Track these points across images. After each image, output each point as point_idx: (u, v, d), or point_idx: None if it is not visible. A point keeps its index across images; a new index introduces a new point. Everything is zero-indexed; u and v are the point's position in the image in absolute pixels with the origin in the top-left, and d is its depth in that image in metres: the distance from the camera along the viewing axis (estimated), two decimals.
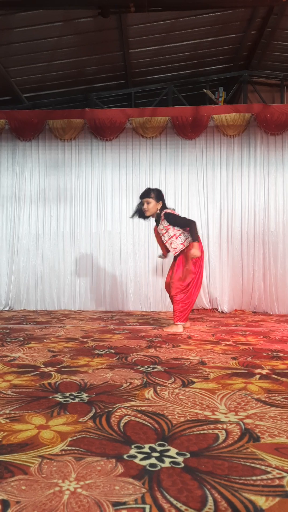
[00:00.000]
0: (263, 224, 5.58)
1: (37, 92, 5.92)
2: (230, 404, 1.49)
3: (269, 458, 1.07)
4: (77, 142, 5.74)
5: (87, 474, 0.98)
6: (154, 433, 1.23)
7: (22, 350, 2.55)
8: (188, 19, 4.77)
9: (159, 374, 1.94)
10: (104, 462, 1.04)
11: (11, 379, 1.84)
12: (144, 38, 5.02)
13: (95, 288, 5.69)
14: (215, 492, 0.90)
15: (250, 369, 2.04)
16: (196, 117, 5.54)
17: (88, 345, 2.74)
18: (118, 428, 1.26)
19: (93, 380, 1.82)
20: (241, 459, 1.06)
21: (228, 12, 4.74)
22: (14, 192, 5.78)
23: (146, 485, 0.93)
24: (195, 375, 1.93)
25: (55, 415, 1.38)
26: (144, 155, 5.74)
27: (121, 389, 1.68)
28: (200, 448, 1.12)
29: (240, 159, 5.67)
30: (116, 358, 2.31)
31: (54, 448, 1.13)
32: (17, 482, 0.94)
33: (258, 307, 5.52)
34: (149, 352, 2.52)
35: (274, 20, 4.92)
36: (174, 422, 1.31)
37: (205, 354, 2.46)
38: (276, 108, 5.51)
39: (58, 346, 2.70)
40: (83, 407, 1.46)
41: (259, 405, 1.48)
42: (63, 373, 1.95)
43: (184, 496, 0.89)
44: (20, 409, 1.43)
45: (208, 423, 1.31)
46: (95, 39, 4.89)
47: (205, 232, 5.62)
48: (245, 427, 1.27)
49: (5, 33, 4.56)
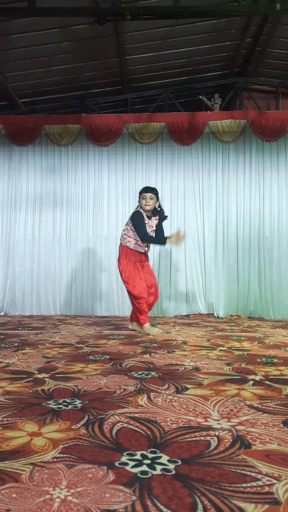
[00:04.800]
0: (258, 230, 5.61)
1: (34, 98, 5.94)
2: (223, 410, 1.50)
3: (260, 465, 1.07)
4: (74, 147, 5.76)
5: (78, 482, 0.98)
6: (146, 440, 1.23)
7: (17, 356, 2.55)
8: (184, 27, 4.82)
9: (153, 380, 1.95)
10: (96, 469, 1.05)
11: (4, 385, 1.84)
12: (140, 45, 5.06)
13: (91, 293, 5.69)
14: (205, 500, 0.91)
15: (244, 375, 2.05)
16: (192, 123, 5.58)
17: (83, 351, 2.74)
18: (110, 435, 1.26)
19: (87, 386, 1.83)
20: (232, 466, 1.07)
21: (224, 20, 4.79)
22: (10, 197, 5.78)
23: (137, 493, 0.93)
24: (189, 381, 1.93)
25: (48, 422, 1.38)
26: (140, 161, 5.77)
27: (115, 396, 1.68)
28: (191, 455, 1.13)
29: (236, 165, 5.71)
30: (110, 364, 2.31)
31: (45, 455, 1.13)
32: (8, 490, 0.94)
33: (254, 312, 5.53)
34: (143, 358, 2.52)
35: (269, 28, 4.98)
36: (167, 429, 1.31)
37: (200, 360, 2.46)
38: (271, 114, 5.55)
39: (52, 352, 2.69)
40: (76, 414, 1.46)
41: (251, 411, 1.49)
42: (57, 380, 1.95)
43: (174, 504, 0.89)
44: (13, 416, 1.43)
45: (200, 430, 1.31)
46: (92, 45, 4.93)
47: (201, 237, 5.64)
48: (237, 434, 1.28)
49: (2, 39, 4.59)
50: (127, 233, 3.76)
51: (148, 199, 3.70)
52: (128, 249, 3.75)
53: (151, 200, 3.71)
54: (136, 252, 3.76)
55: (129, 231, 3.75)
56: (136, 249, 3.75)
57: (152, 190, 3.75)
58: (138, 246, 3.74)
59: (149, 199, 3.70)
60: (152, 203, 3.71)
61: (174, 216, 5.70)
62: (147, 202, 3.69)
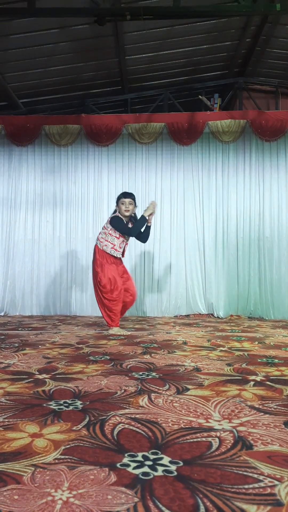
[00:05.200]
0: (258, 230, 5.61)
1: (34, 98, 5.94)
2: (224, 411, 1.50)
3: (262, 466, 1.07)
4: (73, 147, 5.76)
5: (80, 483, 0.98)
6: (147, 441, 1.23)
7: (17, 357, 2.55)
8: (183, 27, 4.82)
9: (153, 381, 1.95)
10: (97, 471, 1.04)
11: (5, 386, 1.84)
12: (140, 45, 5.06)
13: (91, 293, 5.67)
14: (207, 501, 0.90)
15: (245, 376, 2.05)
16: (192, 124, 5.58)
17: (83, 351, 2.74)
18: (111, 436, 1.26)
19: (88, 387, 1.82)
20: (233, 467, 1.07)
21: (223, 20, 4.79)
22: (10, 197, 5.78)
23: (139, 494, 0.93)
24: (190, 382, 1.93)
25: (49, 423, 1.38)
26: (140, 161, 5.77)
27: (116, 397, 1.68)
28: (193, 456, 1.13)
29: (236, 165, 5.71)
30: (111, 365, 2.31)
31: (47, 456, 1.13)
32: (10, 492, 0.94)
33: (254, 312, 5.53)
34: (144, 358, 2.52)
35: (268, 28, 4.98)
36: (168, 430, 1.31)
37: (200, 360, 2.46)
38: (271, 114, 5.55)
39: (53, 353, 2.69)
40: (77, 415, 1.46)
41: (252, 412, 1.49)
42: (57, 380, 1.95)
43: (176, 505, 0.89)
44: (14, 417, 1.43)
45: (201, 431, 1.31)
46: (91, 45, 4.93)
47: (201, 237, 5.64)
48: (238, 435, 1.28)
49: (1, 40, 4.59)
50: (105, 237, 3.77)
51: (127, 205, 3.72)
52: (105, 252, 3.76)
53: (131, 205, 3.73)
54: (111, 257, 3.77)
55: (107, 235, 3.76)
56: (112, 254, 3.76)
57: (130, 195, 3.78)
58: (114, 250, 3.76)
59: (129, 204, 3.72)
60: (131, 209, 3.74)
61: (174, 216, 5.71)
62: (127, 207, 3.71)
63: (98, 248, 3.80)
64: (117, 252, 3.78)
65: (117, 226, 3.71)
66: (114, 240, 3.74)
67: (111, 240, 3.75)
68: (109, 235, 3.75)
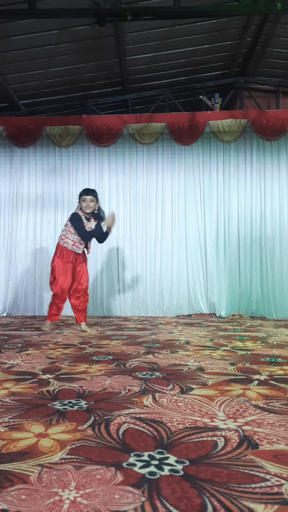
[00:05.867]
0: (260, 229, 5.60)
1: (34, 99, 5.95)
2: (229, 410, 1.50)
3: (268, 465, 1.07)
4: (75, 148, 5.76)
5: (87, 483, 0.98)
6: (153, 440, 1.23)
7: (20, 357, 2.55)
8: (184, 27, 4.82)
9: (157, 380, 1.95)
10: (104, 470, 1.05)
11: (9, 386, 1.84)
12: (140, 46, 5.06)
13: (92, 293, 5.68)
14: (214, 500, 0.91)
15: (249, 375, 2.05)
16: (193, 123, 5.57)
17: (86, 352, 2.74)
18: (117, 436, 1.26)
19: (92, 387, 1.83)
20: (240, 466, 1.07)
21: (224, 20, 4.79)
22: (12, 198, 5.78)
23: (146, 494, 0.93)
24: (194, 381, 1.93)
25: (54, 423, 1.38)
26: (141, 161, 5.77)
27: (120, 396, 1.68)
28: (199, 456, 1.13)
29: (237, 165, 5.70)
30: (114, 365, 2.31)
31: (53, 456, 1.13)
32: (17, 492, 0.94)
33: (256, 311, 5.53)
34: (147, 358, 2.52)
35: (269, 28, 4.97)
36: (173, 430, 1.31)
37: (204, 360, 2.46)
38: (272, 114, 5.55)
39: (56, 353, 2.69)
40: (82, 414, 1.46)
41: (257, 411, 1.49)
42: (61, 380, 1.95)
43: (183, 505, 0.89)
44: (19, 417, 1.43)
45: (206, 430, 1.31)
46: (92, 46, 4.93)
47: (202, 237, 5.64)
48: (243, 434, 1.28)
49: (2, 41, 4.59)
50: (66, 234, 3.80)
51: (88, 202, 3.74)
52: (65, 249, 3.79)
53: (92, 202, 3.75)
54: (73, 253, 3.80)
55: (67, 232, 3.79)
56: (74, 250, 3.79)
57: (92, 192, 3.79)
58: (76, 247, 3.79)
59: (90, 202, 3.74)
60: (93, 206, 3.76)
61: (175, 216, 5.70)
62: (88, 204, 3.74)
63: (59, 245, 3.84)
64: (78, 249, 3.80)
65: (74, 224, 3.74)
66: (74, 237, 3.75)
67: (71, 237, 3.76)
68: (69, 232, 3.77)
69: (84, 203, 3.74)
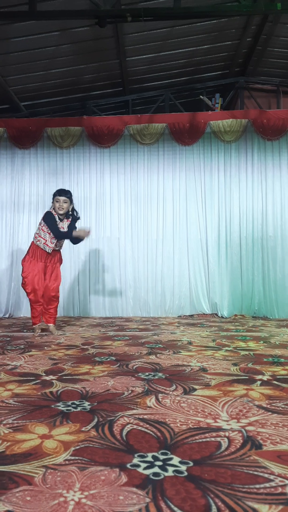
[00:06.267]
0: (262, 229, 5.60)
1: (35, 101, 5.96)
2: (232, 411, 1.50)
3: (272, 466, 1.07)
4: (76, 149, 5.77)
5: (91, 484, 0.98)
6: (156, 441, 1.23)
7: (23, 358, 2.55)
8: (184, 27, 4.82)
9: (160, 381, 1.95)
10: (108, 471, 1.05)
11: (13, 388, 1.85)
12: (140, 46, 5.07)
13: (94, 294, 5.70)
14: (219, 501, 0.91)
15: (251, 375, 2.05)
16: (193, 124, 5.58)
17: (89, 353, 2.75)
18: (120, 437, 1.26)
19: (95, 388, 1.83)
20: (244, 467, 1.07)
21: (224, 20, 4.80)
22: (13, 199, 5.80)
23: (150, 495, 0.93)
24: (196, 382, 1.93)
25: (58, 424, 1.38)
26: (142, 162, 5.77)
27: (123, 397, 1.68)
28: (202, 456, 1.13)
29: (238, 165, 5.70)
30: (117, 366, 2.31)
31: (57, 458, 1.13)
32: (22, 493, 0.95)
33: (258, 311, 5.53)
34: (149, 359, 2.53)
35: (269, 27, 4.98)
36: (176, 430, 1.31)
37: (206, 360, 2.46)
38: (272, 113, 5.55)
39: (58, 354, 2.70)
40: (85, 416, 1.46)
41: (260, 412, 1.49)
42: (64, 382, 1.95)
43: (188, 505, 0.89)
44: (23, 419, 1.44)
45: (210, 431, 1.31)
46: (92, 47, 4.94)
47: (204, 237, 5.64)
48: (247, 434, 1.28)
49: (2, 43, 4.60)
50: (39, 233, 3.79)
51: (61, 203, 3.72)
52: (38, 248, 3.78)
53: (65, 203, 3.73)
54: (44, 252, 3.79)
55: (41, 230, 3.78)
56: (45, 249, 3.78)
57: (66, 193, 3.77)
58: (47, 246, 3.77)
59: (63, 203, 3.72)
60: (66, 207, 3.74)
61: (177, 217, 5.71)
62: (61, 205, 3.72)
63: (32, 243, 3.83)
64: (48, 248, 3.78)
65: (48, 222, 3.72)
66: (46, 235, 3.74)
67: (43, 235, 3.75)
68: (42, 230, 3.76)
69: (58, 204, 3.72)
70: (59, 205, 3.71)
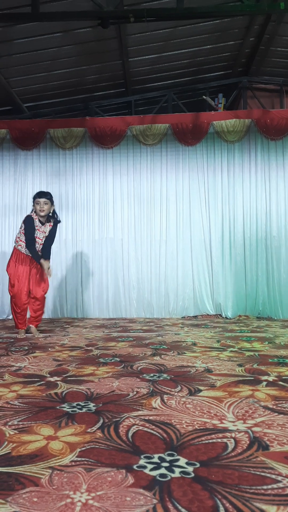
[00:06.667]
0: (265, 229, 5.59)
1: (38, 102, 5.97)
2: (238, 412, 1.49)
3: (279, 467, 1.07)
4: (78, 150, 5.78)
5: (98, 485, 0.98)
6: (162, 442, 1.23)
7: (27, 360, 2.56)
8: (186, 27, 4.82)
9: (165, 382, 1.94)
10: (114, 472, 1.05)
11: (17, 389, 1.85)
12: (143, 47, 5.07)
13: (97, 295, 5.69)
14: (226, 502, 0.90)
15: (257, 376, 2.04)
16: (196, 124, 5.57)
17: (93, 354, 2.75)
18: (126, 438, 1.26)
19: (100, 389, 1.83)
20: (251, 468, 1.06)
21: (227, 20, 4.79)
22: (16, 201, 5.81)
23: (157, 496, 0.93)
24: (202, 383, 1.93)
25: (63, 425, 1.38)
26: (145, 162, 5.77)
27: (128, 398, 1.68)
28: (209, 457, 1.12)
29: (241, 165, 5.69)
30: (121, 367, 2.31)
31: (63, 459, 1.13)
32: (29, 494, 0.94)
33: (262, 312, 5.51)
34: (154, 360, 2.52)
35: (272, 27, 4.97)
36: (183, 431, 1.31)
37: (211, 361, 2.45)
38: (276, 113, 5.54)
39: (63, 355, 2.70)
40: (91, 417, 1.46)
41: (267, 412, 1.48)
42: (69, 383, 1.95)
43: (195, 507, 0.89)
44: (28, 420, 1.44)
45: (216, 432, 1.30)
46: (95, 48, 4.95)
47: (207, 237, 5.63)
48: (253, 435, 1.27)
49: (5, 45, 4.61)
50: (20, 237, 3.74)
51: (42, 205, 3.65)
52: (20, 252, 3.72)
53: (46, 205, 3.66)
54: (28, 256, 3.72)
55: (22, 234, 3.73)
56: (27, 253, 3.71)
57: (46, 195, 3.70)
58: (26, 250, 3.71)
59: (44, 205, 3.66)
60: (47, 208, 3.67)
61: (180, 217, 5.70)
62: (42, 207, 3.65)
63: (14, 248, 3.78)
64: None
65: (25, 229, 3.66)
66: None
67: (23, 239, 3.70)
68: (22, 234, 3.71)
69: (38, 206, 3.65)
70: (40, 207, 3.65)
